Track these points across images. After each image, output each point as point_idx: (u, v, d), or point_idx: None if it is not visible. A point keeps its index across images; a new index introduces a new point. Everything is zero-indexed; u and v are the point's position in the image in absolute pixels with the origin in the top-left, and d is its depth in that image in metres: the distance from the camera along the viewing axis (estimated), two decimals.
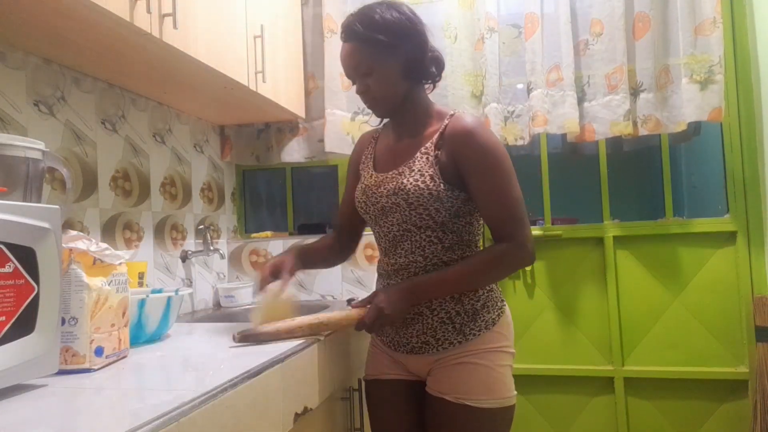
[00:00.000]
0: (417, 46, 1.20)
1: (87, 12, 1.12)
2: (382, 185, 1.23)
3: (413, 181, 1.17)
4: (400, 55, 1.19)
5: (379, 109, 1.25)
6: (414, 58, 1.20)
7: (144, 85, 1.66)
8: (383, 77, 1.20)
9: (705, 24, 1.85)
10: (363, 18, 1.19)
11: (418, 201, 1.17)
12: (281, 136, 2.22)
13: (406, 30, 1.19)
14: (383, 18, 1.18)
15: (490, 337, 1.18)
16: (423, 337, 1.19)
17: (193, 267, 2.01)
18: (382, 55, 1.18)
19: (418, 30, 1.21)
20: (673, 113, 1.90)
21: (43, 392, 0.79)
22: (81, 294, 0.91)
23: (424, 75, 1.24)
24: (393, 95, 1.22)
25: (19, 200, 0.94)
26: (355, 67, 1.21)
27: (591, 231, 2.10)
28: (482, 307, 1.19)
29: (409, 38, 1.19)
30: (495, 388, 1.16)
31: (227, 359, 0.99)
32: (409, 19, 1.20)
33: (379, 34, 1.17)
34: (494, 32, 1.99)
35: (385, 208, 1.22)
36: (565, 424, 2.13)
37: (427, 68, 1.24)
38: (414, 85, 1.24)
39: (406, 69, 1.20)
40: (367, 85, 1.22)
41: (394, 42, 1.17)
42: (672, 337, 2.03)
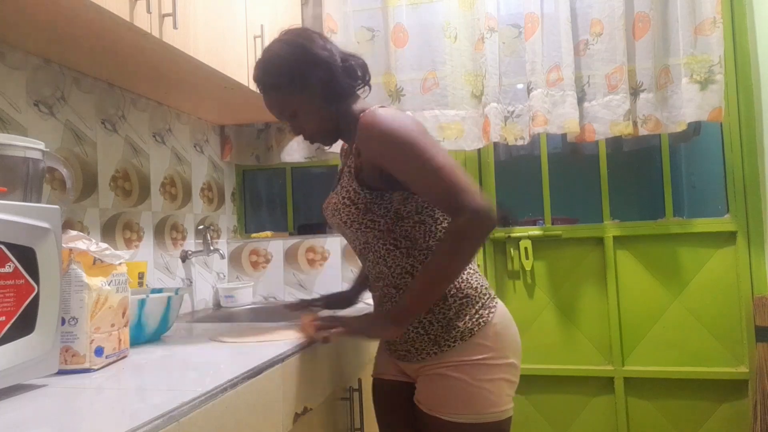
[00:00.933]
0: (323, 70, 1.15)
1: (87, 12, 1.12)
2: (327, 207, 1.23)
3: (341, 199, 1.16)
4: (312, 85, 1.15)
5: (323, 140, 1.23)
6: (326, 81, 1.16)
7: (144, 85, 1.66)
8: (308, 113, 1.18)
9: (705, 24, 1.85)
10: (263, 67, 1.17)
11: (350, 218, 1.15)
12: (281, 136, 2.22)
13: (304, 60, 1.15)
14: (280, 58, 1.16)
15: (468, 350, 1.12)
16: (405, 346, 1.19)
17: (193, 267, 2.01)
18: (295, 95, 1.16)
19: (318, 54, 1.15)
20: (673, 113, 1.90)
21: (43, 392, 0.79)
22: (81, 294, 0.91)
23: (345, 90, 1.19)
24: (327, 123, 1.20)
25: (19, 200, 0.94)
26: (280, 114, 1.20)
27: (591, 231, 2.10)
28: (455, 316, 1.13)
29: (312, 66, 1.15)
30: (471, 402, 1.09)
31: (227, 359, 0.99)
32: (302, 48, 1.16)
33: (282, 77, 1.15)
34: (494, 32, 1.99)
35: (337, 227, 1.23)
36: (565, 424, 2.13)
37: (345, 83, 1.18)
38: (342, 103, 1.20)
39: (324, 95, 1.17)
40: (299, 126, 1.21)
41: (299, 78, 1.15)
42: (672, 337, 2.04)
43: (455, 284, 1.14)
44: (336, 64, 1.17)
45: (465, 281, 1.15)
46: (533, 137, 1.99)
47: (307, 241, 2.19)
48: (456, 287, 1.14)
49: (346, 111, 1.20)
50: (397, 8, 2.07)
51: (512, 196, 2.43)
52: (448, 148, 2.03)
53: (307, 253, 2.18)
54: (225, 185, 2.28)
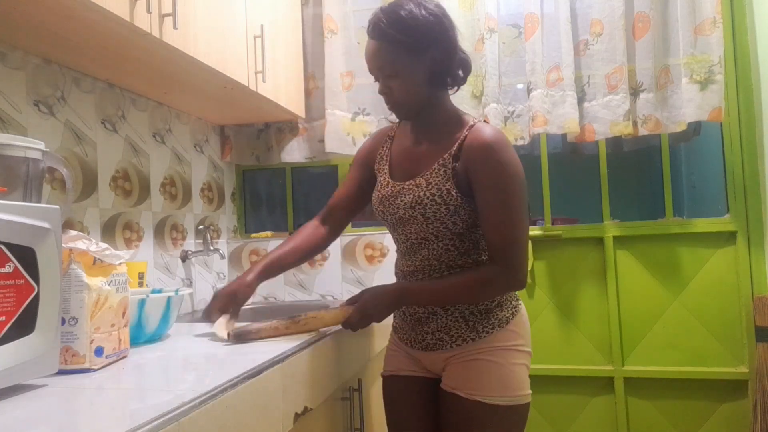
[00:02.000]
0: (445, 51, 1.14)
1: (87, 12, 1.12)
2: (399, 196, 1.22)
3: (430, 195, 1.16)
4: (428, 59, 1.13)
5: (401, 112, 1.21)
6: (441, 62, 1.14)
7: (144, 85, 1.66)
8: (407, 81, 1.14)
9: (705, 24, 1.85)
10: (391, 15, 1.12)
11: (435, 216, 1.16)
12: (281, 136, 2.22)
13: (436, 33, 1.13)
14: (413, 18, 1.11)
15: (504, 336, 1.19)
16: (437, 334, 1.20)
17: (193, 267, 2.01)
18: (408, 59, 1.13)
19: (449, 33, 1.15)
20: (673, 113, 1.90)
21: (43, 392, 0.79)
22: (81, 294, 0.91)
23: (450, 80, 1.19)
24: (416, 100, 1.17)
25: (19, 200, 0.94)
26: (380, 67, 1.16)
27: (591, 231, 2.10)
28: (496, 306, 1.19)
29: (438, 42, 1.13)
30: (508, 385, 1.16)
31: (227, 359, 0.99)
32: (440, 21, 1.13)
33: (407, 36, 1.11)
34: (494, 32, 1.99)
35: (402, 219, 1.22)
36: (565, 424, 2.13)
37: (454, 73, 1.19)
38: (438, 90, 1.19)
39: (432, 74, 1.15)
40: (389, 87, 1.17)
41: (422, 46, 1.12)
42: (672, 337, 2.03)
43: None
44: (457, 53, 1.18)
45: None
46: (533, 137, 1.99)
47: None
48: None
49: (439, 102, 1.21)
50: None
51: None
52: None
53: None
54: (225, 185, 2.28)
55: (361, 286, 2.13)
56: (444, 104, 1.22)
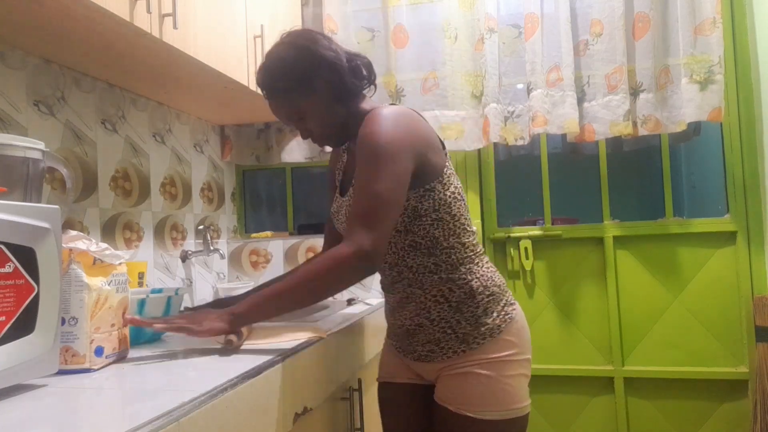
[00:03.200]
0: (330, 71, 1.14)
1: (87, 12, 1.12)
2: (340, 211, 1.22)
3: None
4: (319, 86, 1.14)
5: (331, 141, 1.22)
6: (333, 81, 1.14)
7: (144, 85, 1.66)
8: (316, 115, 1.16)
9: (705, 24, 1.85)
10: (267, 71, 1.16)
11: None
12: (281, 136, 2.22)
13: (310, 62, 1.13)
14: (283, 61, 1.14)
15: (496, 346, 1.14)
16: (428, 346, 1.18)
17: (193, 267, 2.01)
18: (303, 97, 1.14)
19: (320, 53, 1.14)
20: (673, 113, 1.90)
21: (43, 392, 0.79)
22: (81, 294, 0.91)
23: (352, 90, 1.18)
24: (334, 125, 1.18)
25: (19, 200, 0.94)
26: (287, 117, 1.18)
27: (591, 231, 2.10)
28: (483, 314, 1.14)
29: (318, 68, 1.13)
30: (500, 399, 1.12)
31: (227, 359, 0.99)
32: (306, 50, 1.14)
33: (290, 79, 1.13)
34: (494, 32, 1.99)
35: None
36: (565, 424, 2.13)
37: (352, 83, 1.17)
38: (350, 103, 1.19)
39: (332, 95, 1.15)
40: (307, 129, 1.19)
41: (307, 80, 1.13)
42: (672, 337, 2.04)
43: (482, 282, 1.15)
44: (342, 65, 1.16)
45: (490, 279, 1.17)
46: (533, 137, 1.99)
47: (307, 241, 2.19)
48: (483, 285, 1.15)
49: (354, 111, 1.19)
50: (397, 8, 2.08)
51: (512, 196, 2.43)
52: (449, 148, 2.03)
53: (307, 252, 2.18)
54: (225, 185, 2.28)
55: (360, 285, 2.13)
56: (359, 111, 1.20)
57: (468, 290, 1.14)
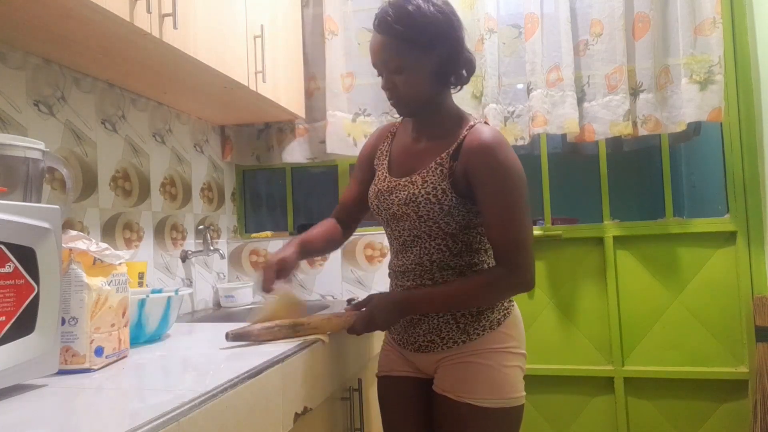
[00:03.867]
0: (452, 49, 1.14)
1: (87, 12, 1.12)
2: (394, 192, 1.21)
3: (425, 193, 1.15)
4: (434, 56, 1.12)
5: (403, 108, 1.21)
6: (447, 61, 1.14)
7: (144, 85, 1.66)
8: (412, 78, 1.14)
9: (705, 24, 1.85)
10: (399, 10, 1.11)
11: (428, 214, 1.16)
12: (282, 137, 2.22)
13: (444, 30, 1.12)
14: (421, 14, 1.10)
15: (495, 338, 1.18)
16: (429, 336, 1.20)
17: (193, 267, 2.01)
18: (414, 55, 1.12)
19: (456, 31, 1.14)
20: (673, 113, 1.90)
21: (43, 392, 0.79)
22: (81, 294, 0.91)
23: (454, 78, 1.19)
24: (419, 97, 1.17)
25: (19, 200, 0.94)
26: (385, 62, 1.15)
27: (591, 231, 2.10)
28: (487, 308, 1.19)
29: (446, 40, 1.12)
30: (499, 387, 1.14)
31: (227, 359, 0.99)
32: (448, 19, 1.12)
33: (415, 32, 1.10)
34: (494, 33, 1.99)
35: (396, 215, 1.21)
36: (565, 424, 2.12)
37: (459, 72, 1.18)
38: (442, 88, 1.19)
39: (437, 71, 1.14)
40: (393, 83, 1.16)
41: (429, 42, 1.11)
42: (672, 337, 2.03)
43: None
44: (462, 53, 1.17)
45: None
46: (533, 137, 1.99)
47: None
48: None
49: (442, 100, 1.20)
50: None
51: None
52: None
53: None
54: (225, 185, 2.28)
55: (361, 286, 2.13)
56: (446, 103, 1.21)
57: None
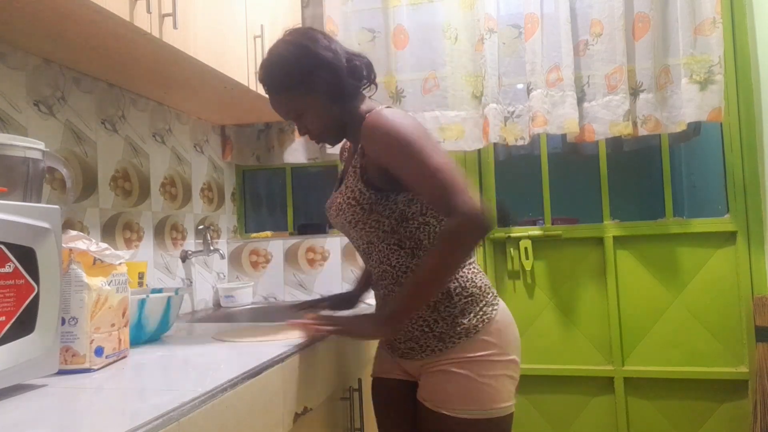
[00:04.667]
0: (328, 71, 1.15)
1: (87, 12, 1.12)
2: (332, 206, 1.24)
3: (347, 199, 1.17)
4: (319, 86, 1.15)
5: (328, 139, 1.24)
6: (331, 82, 1.16)
7: (144, 85, 1.66)
8: (314, 114, 1.18)
9: (705, 24, 1.85)
10: (267, 68, 1.18)
11: (354, 218, 1.16)
12: (282, 137, 2.22)
13: (309, 62, 1.15)
14: (283, 59, 1.16)
15: (472, 346, 1.13)
16: (408, 344, 1.19)
17: (193, 267, 2.01)
18: (301, 96, 1.16)
19: (320, 53, 1.15)
20: (672, 113, 1.90)
21: (43, 392, 0.79)
22: (81, 294, 0.91)
23: (350, 90, 1.19)
24: (332, 123, 1.20)
25: (19, 200, 0.94)
26: (286, 114, 1.21)
27: (591, 231, 2.10)
28: (460, 314, 1.14)
29: (316, 68, 1.15)
30: (475, 398, 1.11)
31: (227, 359, 0.99)
32: (307, 50, 1.15)
33: (289, 76, 1.15)
34: (494, 33, 1.99)
35: (340, 227, 1.24)
36: (565, 424, 2.13)
37: (351, 83, 1.18)
38: (348, 102, 1.20)
39: (330, 95, 1.17)
40: (305, 126, 1.21)
41: (306, 77, 1.15)
42: (672, 337, 2.04)
43: (460, 283, 1.16)
44: (341, 65, 1.17)
45: (470, 280, 1.17)
46: (533, 137, 1.99)
47: (307, 241, 2.19)
48: (461, 286, 1.15)
49: (352, 111, 1.20)
50: (398, 9, 2.07)
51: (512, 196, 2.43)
52: (449, 148, 2.03)
53: (307, 253, 2.18)
54: (225, 185, 2.28)
55: None
56: (358, 110, 1.21)
57: (446, 291, 1.15)
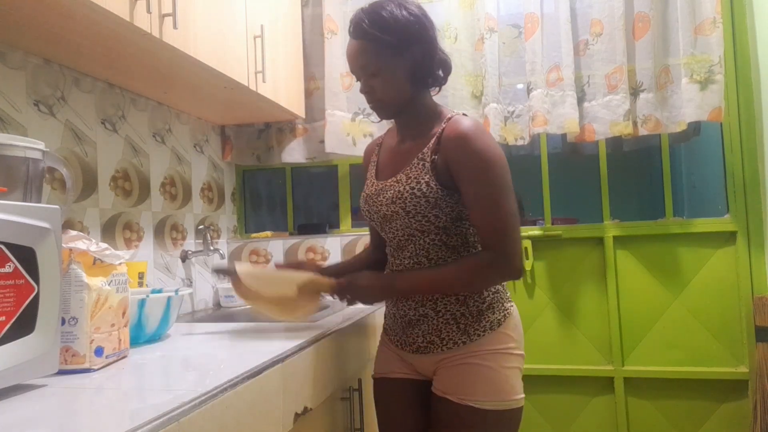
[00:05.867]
0: (426, 50, 1.17)
1: (87, 12, 1.12)
2: (381, 194, 1.23)
3: (409, 189, 1.17)
4: (408, 58, 1.16)
5: (383, 111, 1.24)
6: (422, 61, 1.17)
7: (144, 85, 1.66)
8: (389, 80, 1.17)
9: (705, 24, 1.85)
10: (373, 16, 1.16)
11: (415, 209, 1.17)
12: (282, 137, 2.22)
13: (417, 33, 1.16)
14: (394, 18, 1.14)
15: (495, 338, 1.17)
16: (428, 337, 1.20)
17: (193, 267, 2.01)
18: (389, 58, 1.16)
19: (429, 33, 1.18)
20: (673, 113, 1.90)
21: (43, 392, 0.79)
22: (81, 294, 0.91)
23: (431, 79, 1.22)
24: (398, 98, 1.20)
25: (19, 200, 0.94)
26: (362, 66, 1.19)
27: (591, 231, 2.10)
28: (487, 308, 1.18)
29: (419, 41, 1.16)
30: (499, 389, 1.14)
31: (227, 359, 0.99)
32: (420, 21, 1.16)
33: (389, 35, 1.14)
34: (494, 32, 1.99)
35: (386, 216, 1.22)
36: (565, 424, 2.13)
37: (435, 72, 1.21)
38: (419, 89, 1.21)
39: (413, 72, 1.18)
40: (372, 86, 1.20)
41: (403, 45, 1.15)
42: (672, 337, 2.03)
43: None
44: (436, 53, 1.20)
45: None
46: (533, 137, 1.99)
47: (307, 241, 2.19)
48: None
49: (421, 100, 1.23)
50: None
51: None
52: None
53: (307, 252, 2.18)
54: (225, 185, 2.28)
55: None
56: (425, 103, 1.24)
57: None
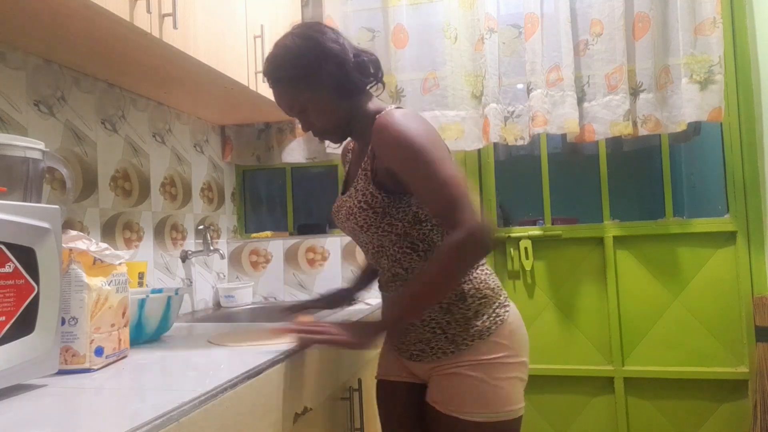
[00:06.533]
0: (335, 64, 1.13)
1: (87, 12, 1.12)
2: (340, 210, 1.22)
3: (357, 203, 1.15)
4: (325, 78, 1.13)
5: (332, 136, 1.22)
6: (338, 76, 1.14)
7: (144, 85, 1.66)
8: (319, 107, 1.15)
9: (705, 24, 1.85)
10: (273, 59, 1.15)
11: (367, 223, 1.15)
12: (282, 137, 2.22)
13: (316, 54, 1.13)
14: (289, 51, 1.14)
15: (486, 348, 1.12)
16: (419, 346, 1.18)
17: (193, 267, 2.01)
18: (307, 88, 1.14)
19: (327, 46, 1.13)
20: (673, 113, 1.90)
21: (43, 392, 0.79)
22: (81, 294, 0.91)
23: (356, 86, 1.17)
24: (338, 119, 1.18)
25: (19, 200, 0.94)
26: (290, 107, 1.18)
27: (591, 231, 2.10)
28: (474, 316, 1.13)
29: (325, 59, 1.13)
30: (489, 401, 1.10)
31: (227, 359, 0.99)
32: (314, 40, 1.14)
33: (294, 69, 1.13)
34: (494, 32, 1.99)
35: (349, 231, 1.22)
36: (565, 424, 2.13)
37: (357, 79, 1.16)
38: (352, 99, 1.18)
39: (336, 90, 1.15)
40: (308, 121, 1.18)
41: (311, 70, 1.13)
42: (672, 337, 2.04)
43: (474, 285, 1.15)
44: (348, 59, 1.15)
45: (483, 282, 1.16)
46: (533, 137, 1.99)
47: (307, 241, 2.19)
48: (475, 287, 1.15)
49: (358, 108, 1.19)
50: (398, 9, 2.07)
51: (512, 196, 2.43)
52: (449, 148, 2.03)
53: (307, 253, 2.18)
54: (225, 185, 2.28)
55: None
56: (365, 110, 1.19)
57: (459, 293, 1.14)
